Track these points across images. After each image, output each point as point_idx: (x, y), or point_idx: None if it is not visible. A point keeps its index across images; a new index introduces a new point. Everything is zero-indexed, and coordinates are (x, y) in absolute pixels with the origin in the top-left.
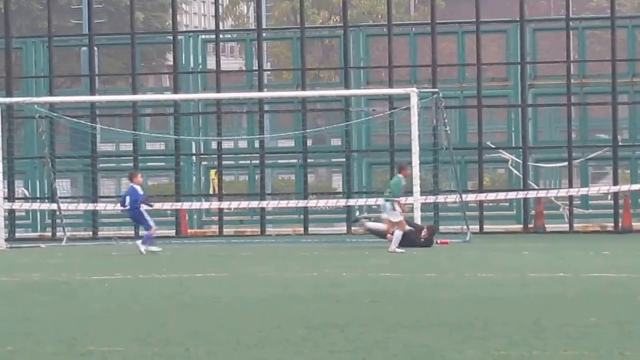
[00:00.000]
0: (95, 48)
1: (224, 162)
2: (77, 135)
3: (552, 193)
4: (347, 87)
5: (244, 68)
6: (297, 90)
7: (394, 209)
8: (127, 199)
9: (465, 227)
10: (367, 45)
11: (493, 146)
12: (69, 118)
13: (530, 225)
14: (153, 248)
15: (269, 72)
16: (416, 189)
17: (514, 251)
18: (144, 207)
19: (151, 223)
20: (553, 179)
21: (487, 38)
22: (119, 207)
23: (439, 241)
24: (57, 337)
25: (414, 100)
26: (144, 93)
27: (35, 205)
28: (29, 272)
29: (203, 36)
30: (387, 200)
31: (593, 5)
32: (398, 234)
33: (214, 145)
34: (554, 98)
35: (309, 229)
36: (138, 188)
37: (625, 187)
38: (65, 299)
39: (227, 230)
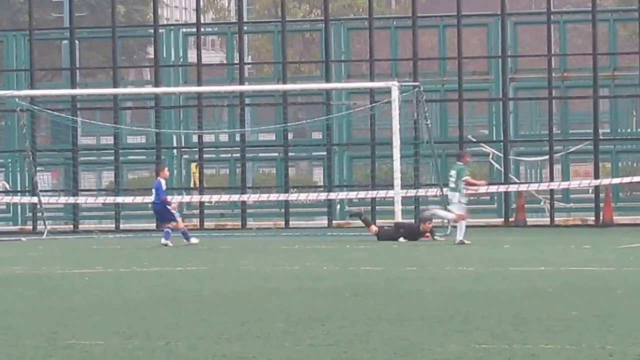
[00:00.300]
0: (76, 41)
1: (205, 156)
2: (58, 128)
3: (533, 187)
4: (328, 80)
5: (225, 61)
6: (278, 84)
7: (460, 200)
8: (154, 192)
9: (446, 220)
10: (348, 38)
11: (474, 140)
12: (49, 111)
13: (512, 219)
14: (164, 241)
15: (250, 66)
16: (397, 182)
17: (495, 245)
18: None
19: (177, 217)
20: (534, 172)
21: (468, 31)
22: (97, 200)
23: None
24: (38, 330)
25: (395, 94)
26: (125, 86)
27: (16, 199)
28: (9, 266)
29: (184, 29)
30: (452, 191)
31: None
32: (462, 225)
33: (194, 138)
34: (535, 92)
35: (290, 222)
36: (163, 183)
37: (606, 181)
38: (46, 292)
39: (208, 224)
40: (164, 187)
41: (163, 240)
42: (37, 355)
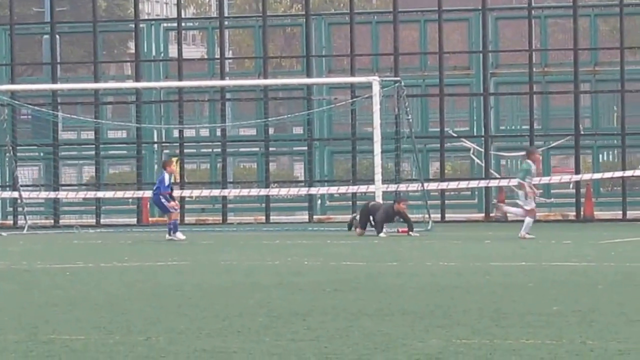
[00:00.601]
0: (57, 36)
1: (185, 151)
2: (38, 123)
3: (514, 182)
4: (309, 75)
5: (205, 56)
6: (259, 79)
7: (526, 197)
8: (157, 183)
9: (426, 215)
10: (329, 33)
11: (455, 135)
12: (30, 106)
13: (492, 214)
14: (178, 236)
15: (230, 61)
16: (378, 177)
17: (476, 240)
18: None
19: (171, 209)
20: (515, 167)
21: (449, 26)
22: (78, 195)
23: (400, 230)
24: (19, 325)
25: (376, 89)
26: (106, 81)
27: None
28: None
29: (165, 24)
30: (518, 188)
31: None
32: (529, 220)
33: (175, 133)
34: (516, 87)
35: (271, 217)
36: (166, 178)
37: (587, 176)
38: (27, 287)
39: (188, 219)
40: (167, 182)
41: (167, 236)
42: (18, 350)
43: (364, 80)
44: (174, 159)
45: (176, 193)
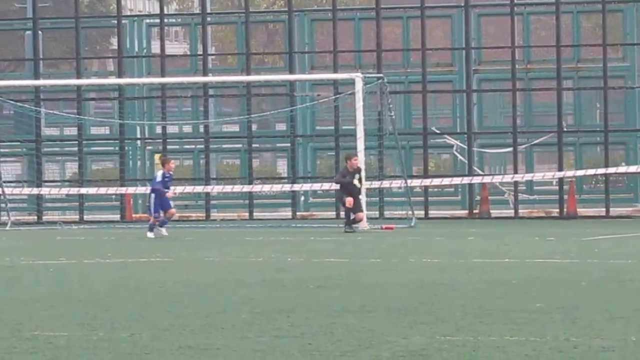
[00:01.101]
0: (40, 32)
1: (168, 147)
2: (21, 119)
3: (497, 179)
4: (291, 71)
5: (188, 52)
6: (241, 75)
7: None
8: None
9: (410, 212)
10: (311, 29)
11: (438, 131)
12: (13, 102)
13: (476, 211)
14: (148, 235)
15: (213, 57)
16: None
17: (459, 237)
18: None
19: (153, 211)
20: (498, 164)
21: (432, 23)
22: (61, 191)
23: (383, 226)
24: (2, 321)
25: (359, 85)
26: (89, 77)
27: None
28: None
29: (147, 20)
30: None
31: None
32: None
33: (158, 129)
34: (498, 83)
35: (254, 213)
36: (159, 175)
37: (570, 173)
38: (10, 283)
39: None
40: (158, 179)
41: (163, 231)
42: (1, 346)
43: (346, 77)
44: (172, 161)
45: None
